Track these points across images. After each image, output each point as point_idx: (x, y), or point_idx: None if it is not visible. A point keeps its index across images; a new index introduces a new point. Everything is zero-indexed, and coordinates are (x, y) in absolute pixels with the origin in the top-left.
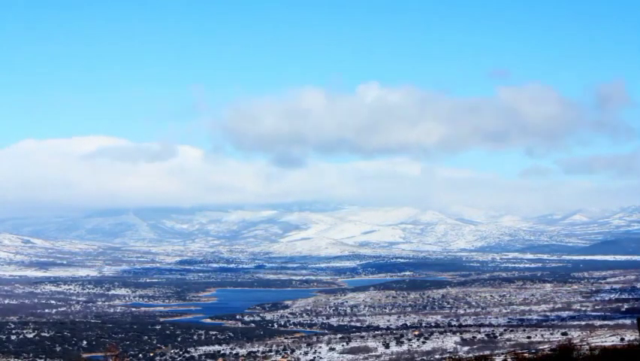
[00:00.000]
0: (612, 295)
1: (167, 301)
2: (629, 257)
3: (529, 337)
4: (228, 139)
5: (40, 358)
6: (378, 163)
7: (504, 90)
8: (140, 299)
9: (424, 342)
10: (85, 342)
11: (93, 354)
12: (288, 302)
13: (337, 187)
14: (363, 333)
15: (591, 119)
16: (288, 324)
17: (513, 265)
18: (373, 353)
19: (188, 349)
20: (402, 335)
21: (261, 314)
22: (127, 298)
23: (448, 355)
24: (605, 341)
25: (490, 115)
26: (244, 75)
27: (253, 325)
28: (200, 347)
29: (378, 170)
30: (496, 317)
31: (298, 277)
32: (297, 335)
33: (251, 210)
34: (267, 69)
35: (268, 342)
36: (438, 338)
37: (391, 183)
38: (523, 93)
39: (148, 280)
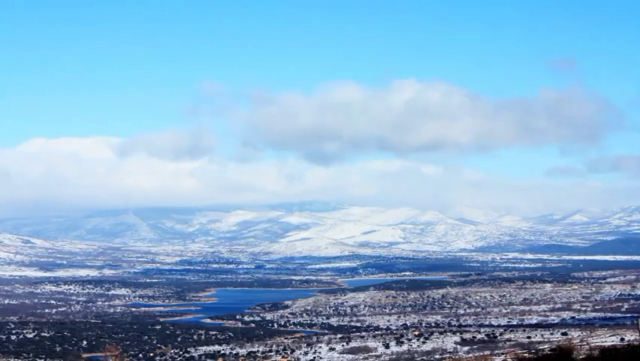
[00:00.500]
0: (612, 295)
1: (167, 301)
2: (629, 257)
3: (529, 337)
4: (249, 137)
5: (40, 358)
6: (398, 163)
7: (543, 91)
8: (140, 299)
9: (424, 342)
10: (85, 342)
11: (93, 354)
12: (288, 302)
13: (359, 186)
14: (363, 333)
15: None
16: (288, 324)
17: (513, 265)
18: (373, 353)
19: (188, 349)
20: (402, 335)
21: (261, 314)
22: (127, 299)
23: (448, 355)
24: (605, 341)
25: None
26: (264, 71)
27: (253, 325)
28: (200, 347)
29: (400, 169)
30: (496, 317)
31: (298, 277)
32: (297, 335)
33: (251, 210)
34: (298, 64)
35: (268, 342)
36: (438, 338)
37: (409, 182)
38: (562, 94)
39: (148, 280)
